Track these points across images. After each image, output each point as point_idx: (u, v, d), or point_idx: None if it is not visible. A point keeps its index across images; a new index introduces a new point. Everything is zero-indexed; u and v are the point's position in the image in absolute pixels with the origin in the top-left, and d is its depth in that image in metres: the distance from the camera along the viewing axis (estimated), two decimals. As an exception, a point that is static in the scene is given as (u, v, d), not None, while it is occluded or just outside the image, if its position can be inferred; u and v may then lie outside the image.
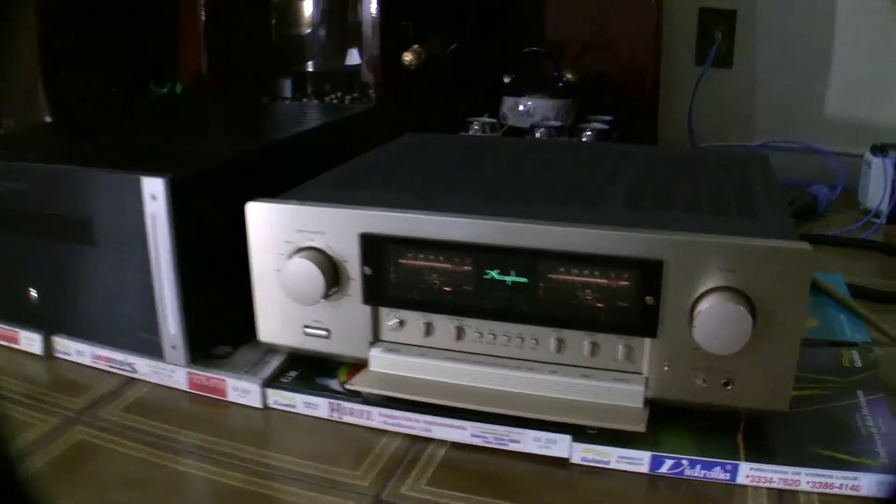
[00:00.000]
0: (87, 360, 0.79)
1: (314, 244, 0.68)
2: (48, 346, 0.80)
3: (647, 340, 0.63)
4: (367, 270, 0.67)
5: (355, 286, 0.68)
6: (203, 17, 1.29)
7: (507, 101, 1.33)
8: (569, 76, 1.34)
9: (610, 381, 0.65)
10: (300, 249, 0.68)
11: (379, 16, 1.18)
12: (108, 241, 0.72)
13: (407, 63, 1.18)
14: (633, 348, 0.64)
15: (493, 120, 1.30)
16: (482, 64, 1.38)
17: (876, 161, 1.29)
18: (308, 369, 0.74)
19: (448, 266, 0.66)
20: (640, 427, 0.62)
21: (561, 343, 0.66)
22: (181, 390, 0.74)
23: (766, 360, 0.61)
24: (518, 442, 0.65)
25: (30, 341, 0.81)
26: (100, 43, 1.28)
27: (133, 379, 0.77)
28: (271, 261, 0.69)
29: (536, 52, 1.37)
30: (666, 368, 0.63)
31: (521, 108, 1.32)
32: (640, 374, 0.65)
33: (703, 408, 0.64)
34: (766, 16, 1.49)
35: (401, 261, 0.66)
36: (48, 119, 1.21)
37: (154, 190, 0.68)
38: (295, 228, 0.68)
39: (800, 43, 1.47)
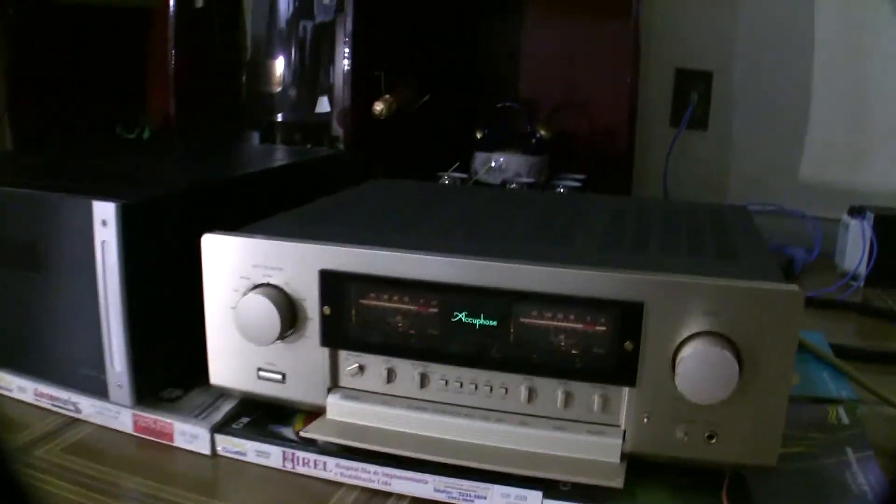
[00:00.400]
0: (28, 398, 0.74)
1: (271, 281, 0.64)
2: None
3: (626, 390, 0.59)
4: (327, 310, 0.63)
5: (313, 327, 0.64)
6: (173, 62, 1.27)
7: (479, 157, 1.31)
8: (542, 132, 1.32)
9: (584, 433, 0.61)
10: (256, 286, 0.64)
11: (351, 65, 1.16)
12: (55, 268, 0.68)
13: (377, 113, 1.16)
14: (609, 398, 0.60)
15: (464, 175, 1.28)
16: (454, 118, 1.36)
17: (854, 223, 1.27)
18: (262, 416, 0.69)
19: (413, 307, 0.62)
20: (617, 483, 0.58)
21: (532, 392, 0.62)
22: (126, 433, 0.69)
23: (753, 411, 0.57)
24: (484, 499, 0.61)
25: (-34, 376, 0.75)
26: (69, 80, 1.25)
27: (76, 420, 0.71)
28: (226, 297, 0.65)
29: (509, 108, 1.36)
30: (645, 420, 0.59)
31: (493, 163, 1.29)
32: (618, 426, 0.61)
33: (685, 463, 0.60)
34: (742, 78, 1.49)
35: (362, 301, 0.62)
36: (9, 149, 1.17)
37: (105, 215, 0.64)
38: (252, 264, 0.64)
39: (776, 105, 1.46)
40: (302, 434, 0.64)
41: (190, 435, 0.67)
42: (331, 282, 0.62)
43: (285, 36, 1.31)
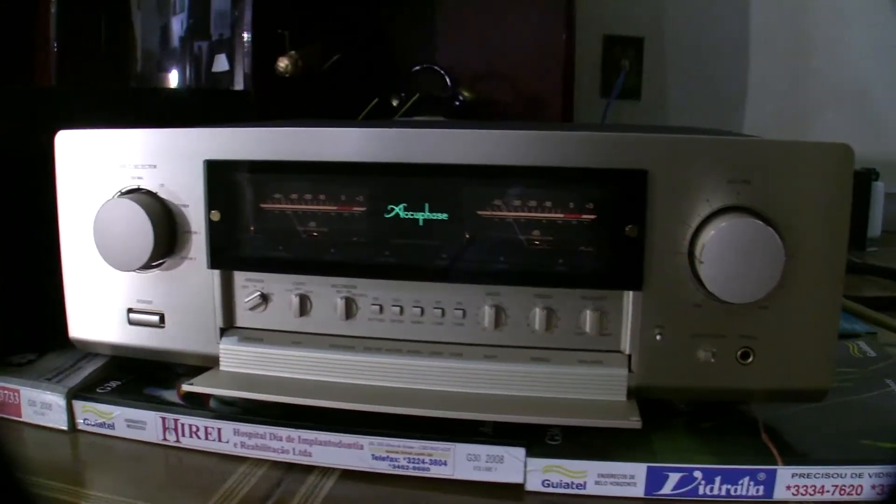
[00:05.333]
0: None
1: (141, 184, 0.47)
2: None
3: (628, 297, 0.43)
4: (215, 215, 0.46)
5: (198, 244, 0.47)
6: (54, 27, 1.10)
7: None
8: (465, 94, 1.18)
9: (575, 364, 0.44)
10: (122, 193, 0.47)
11: (252, 20, 1.01)
12: None
13: (282, 69, 1.00)
14: (606, 313, 0.44)
15: None
16: (366, 83, 1.21)
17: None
18: (136, 380, 0.51)
19: (332, 205, 0.45)
20: (634, 422, 0.41)
21: (500, 313, 0.45)
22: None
23: (800, 314, 0.41)
24: (444, 464, 0.43)
25: None
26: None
27: None
28: (86, 214, 0.48)
29: (426, 72, 1.20)
30: (658, 338, 0.43)
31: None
32: (619, 351, 0.44)
33: (709, 395, 0.44)
34: (674, 42, 1.38)
35: (264, 202, 0.46)
36: None
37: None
38: (119, 163, 0.47)
39: (712, 70, 1.35)
40: (185, 388, 0.46)
41: (41, 404, 0.49)
42: (221, 175, 0.46)
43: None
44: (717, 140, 0.42)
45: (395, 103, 1.17)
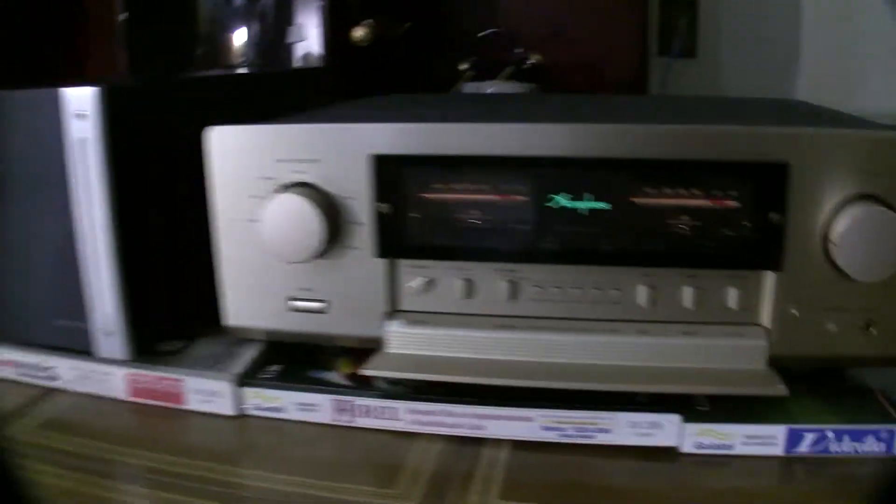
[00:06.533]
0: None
1: (305, 178, 0.49)
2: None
3: (769, 277, 0.47)
4: (384, 208, 0.48)
5: (362, 235, 0.49)
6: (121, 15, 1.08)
7: (467, 87, 1.17)
8: (534, 58, 1.19)
9: (721, 336, 0.48)
10: (285, 187, 0.49)
11: None
12: (11, 186, 0.51)
13: (358, 39, 1.01)
14: (748, 290, 0.48)
15: None
16: (432, 50, 1.22)
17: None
18: (293, 363, 0.54)
19: (497, 196, 0.48)
20: (781, 389, 0.46)
21: (654, 291, 0.48)
22: (119, 400, 0.53)
23: None
24: (608, 432, 0.48)
25: None
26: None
27: (53, 390, 0.55)
28: (242, 207, 0.50)
29: (494, 36, 1.22)
30: (794, 313, 0.47)
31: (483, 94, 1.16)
32: (759, 324, 0.48)
33: (835, 362, 0.49)
34: (729, 3, 1.40)
35: (427, 194, 0.48)
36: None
37: (81, 105, 0.48)
38: (276, 158, 0.49)
39: (765, 32, 1.38)
40: (362, 371, 0.49)
41: (207, 392, 0.51)
42: (387, 170, 0.48)
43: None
44: (852, 134, 0.46)
45: (463, 67, 1.17)
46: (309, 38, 1.00)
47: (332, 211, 0.49)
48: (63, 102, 0.48)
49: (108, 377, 0.53)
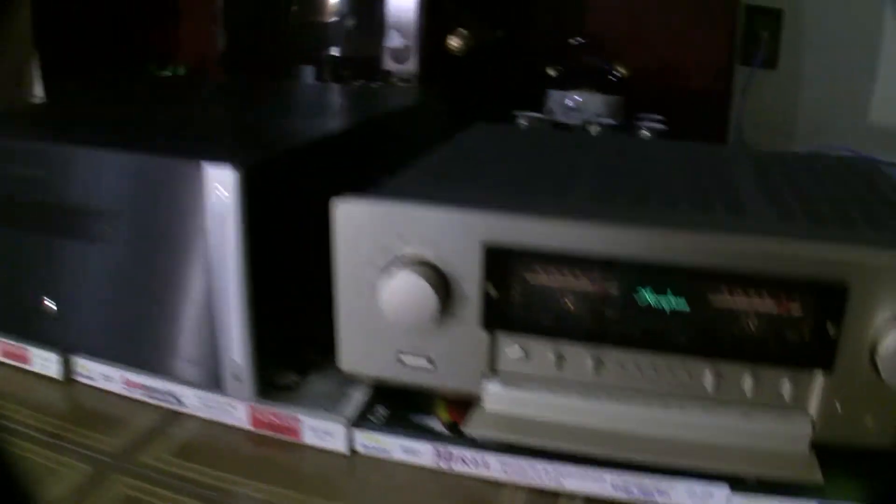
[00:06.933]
0: (116, 387, 0.64)
1: (424, 255, 0.56)
2: (67, 367, 0.66)
3: (819, 375, 0.54)
4: (491, 289, 0.55)
5: (470, 307, 0.56)
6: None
7: (554, 95, 1.21)
8: (620, 70, 1.23)
9: (771, 421, 0.55)
10: (406, 262, 0.56)
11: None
12: (144, 241, 0.59)
13: (454, 49, 1.05)
14: (800, 384, 0.54)
15: (540, 115, 1.18)
16: (525, 55, 1.26)
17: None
18: (396, 405, 0.61)
19: (590, 287, 0.54)
20: (817, 477, 0.53)
21: (719, 378, 0.55)
22: (241, 429, 0.61)
23: None
24: (667, 494, 0.55)
25: (44, 362, 0.66)
26: (94, 12, 1.12)
27: (178, 413, 0.63)
28: (363, 274, 0.57)
29: (581, 45, 1.26)
30: (838, 407, 0.53)
31: (569, 103, 1.20)
32: (807, 413, 0.54)
33: (864, 450, 0.55)
34: (812, 17, 1.42)
35: (530, 280, 0.55)
36: (38, 97, 1.04)
37: (222, 181, 0.55)
38: (396, 233, 0.56)
39: (846, 45, 1.40)
40: (464, 430, 0.56)
41: (322, 431, 0.59)
42: (498, 258, 0.55)
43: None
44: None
45: (552, 73, 1.21)
46: (405, 46, 1.05)
47: (444, 286, 0.55)
48: (205, 176, 0.55)
49: (232, 408, 0.61)
